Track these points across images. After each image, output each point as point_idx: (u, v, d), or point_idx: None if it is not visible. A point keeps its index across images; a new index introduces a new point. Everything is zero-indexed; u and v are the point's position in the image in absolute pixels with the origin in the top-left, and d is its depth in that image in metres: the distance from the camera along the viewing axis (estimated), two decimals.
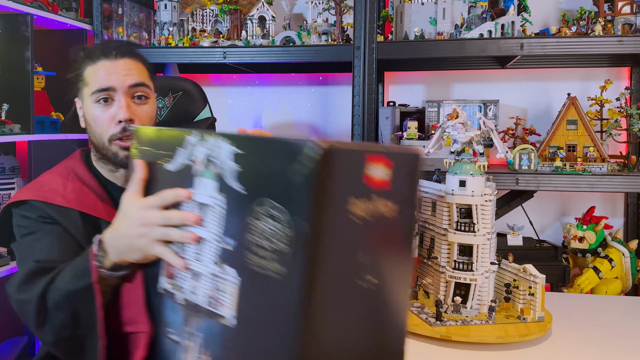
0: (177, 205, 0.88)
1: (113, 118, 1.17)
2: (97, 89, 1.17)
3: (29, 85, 1.96)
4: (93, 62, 1.19)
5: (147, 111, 1.22)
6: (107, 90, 1.17)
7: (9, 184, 1.99)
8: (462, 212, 1.31)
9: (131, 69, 1.19)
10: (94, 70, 1.18)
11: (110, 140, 1.18)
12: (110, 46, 1.21)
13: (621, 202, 2.40)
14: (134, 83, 1.19)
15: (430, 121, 2.17)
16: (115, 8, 2.34)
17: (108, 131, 1.18)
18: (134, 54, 1.22)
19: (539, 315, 1.27)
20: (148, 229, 0.91)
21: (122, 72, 1.18)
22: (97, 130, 1.20)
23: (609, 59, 2.26)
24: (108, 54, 1.18)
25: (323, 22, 2.22)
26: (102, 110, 1.18)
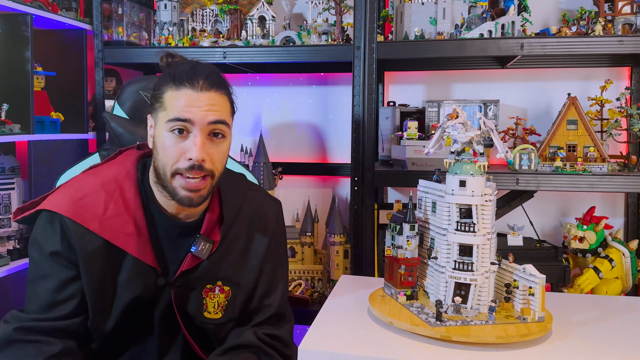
0: None
1: (184, 153, 1.11)
2: (174, 117, 1.10)
3: (29, 85, 1.96)
4: (176, 87, 1.11)
5: (222, 150, 1.16)
6: (184, 122, 1.10)
7: (8, 184, 1.99)
8: (462, 212, 1.31)
9: (215, 104, 1.12)
10: (175, 96, 1.11)
11: (174, 174, 1.12)
12: (197, 73, 1.12)
13: (621, 202, 2.40)
14: (215, 120, 1.11)
15: (430, 121, 2.17)
16: (115, 8, 2.34)
17: (175, 164, 1.12)
18: (221, 86, 1.15)
19: (539, 315, 1.27)
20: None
21: (204, 106, 1.10)
22: (163, 158, 1.13)
23: (609, 59, 2.26)
24: (194, 83, 1.10)
25: (323, 22, 2.22)
26: (174, 140, 1.11)
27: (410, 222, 1.37)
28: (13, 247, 1.97)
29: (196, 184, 1.12)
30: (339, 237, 2.31)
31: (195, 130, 1.11)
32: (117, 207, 1.17)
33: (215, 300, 1.24)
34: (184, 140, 1.11)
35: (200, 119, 1.10)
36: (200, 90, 1.11)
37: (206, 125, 1.11)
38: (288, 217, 2.60)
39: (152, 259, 1.19)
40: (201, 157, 1.10)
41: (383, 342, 1.23)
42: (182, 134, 1.11)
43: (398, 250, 1.39)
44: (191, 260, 1.21)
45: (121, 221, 1.16)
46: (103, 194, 1.17)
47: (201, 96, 1.11)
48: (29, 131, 1.96)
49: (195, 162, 1.10)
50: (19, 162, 2.04)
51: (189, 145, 1.10)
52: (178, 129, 1.11)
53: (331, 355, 1.19)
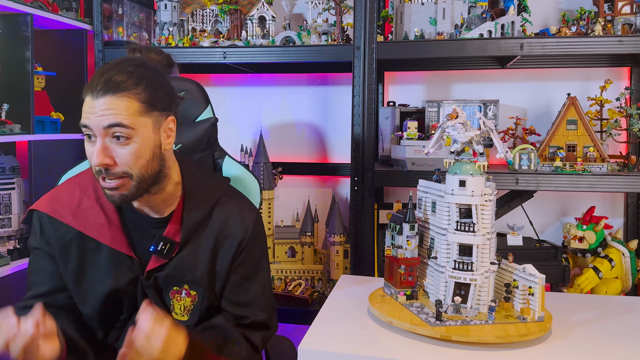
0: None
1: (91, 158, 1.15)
2: (80, 123, 1.16)
3: (29, 85, 1.96)
4: (84, 94, 1.16)
5: (130, 151, 1.13)
6: (85, 128, 1.15)
7: (9, 184, 1.99)
8: (462, 212, 1.31)
9: (109, 108, 1.12)
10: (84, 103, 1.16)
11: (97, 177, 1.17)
12: (98, 79, 1.14)
13: (621, 202, 2.40)
14: (109, 124, 1.12)
15: (430, 121, 2.17)
16: (115, 8, 2.34)
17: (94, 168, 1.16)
18: (119, 89, 1.13)
19: (538, 315, 1.27)
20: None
21: (98, 112, 1.12)
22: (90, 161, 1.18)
23: (609, 59, 2.26)
24: (93, 90, 1.13)
25: (323, 22, 2.22)
26: (87, 146, 1.16)
27: (410, 222, 1.37)
28: (13, 247, 1.97)
29: (112, 184, 1.15)
30: (339, 237, 2.31)
31: (97, 135, 1.14)
32: (90, 200, 1.26)
33: (181, 303, 1.26)
34: (93, 143, 1.15)
35: (95, 124, 1.13)
36: (97, 97, 1.13)
37: (102, 130, 1.13)
38: (288, 217, 2.60)
39: (126, 248, 1.24)
40: (100, 162, 1.12)
41: (383, 342, 1.23)
42: (91, 140, 1.15)
43: (398, 250, 1.39)
44: (155, 260, 1.24)
45: (93, 213, 1.24)
46: (77, 189, 1.28)
47: (96, 102, 1.13)
48: (29, 131, 1.96)
49: (97, 167, 1.14)
50: (19, 162, 2.05)
51: (92, 151, 1.14)
52: (87, 135, 1.16)
53: (331, 355, 1.19)
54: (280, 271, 2.39)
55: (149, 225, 1.26)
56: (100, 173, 1.14)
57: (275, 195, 2.48)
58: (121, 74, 1.14)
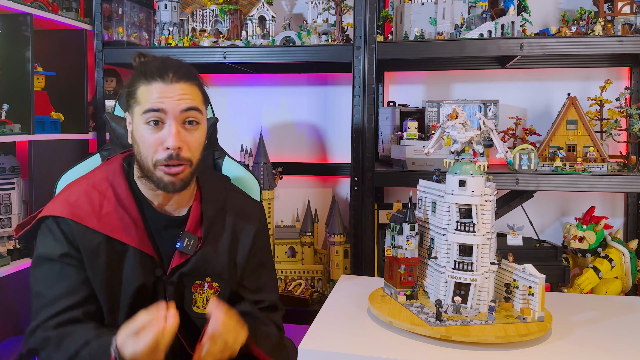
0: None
1: (161, 143, 1.16)
2: (148, 109, 1.15)
3: (29, 85, 1.96)
4: (147, 82, 1.17)
5: (197, 137, 1.21)
6: (157, 112, 1.15)
7: (9, 184, 1.99)
8: (462, 212, 1.31)
9: (185, 93, 1.17)
10: (147, 90, 1.17)
11: (155, 165, 1.18)
12: (167, 67, 1.18)
13: (621, 202, 2.40)
14: (187, 107, 1.17)
15: (430, 121, 2.17)
16: (115, 8, 2.34)
17: (155, 155, 1.17)
18: (191, 77, 1.20)
19: (538, 315, 1.27)
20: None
21: (175, 96, 1.16)
22: (143, 151, 1.18)
23: (609, 59, 2.26)
24: (164, 76, 1.16)
25: (323, 22, 2.22)
26: (151, 132, 1.17)
27: (410, 222, 1.37)
28: (13, 247, 1.97)
29: (176, 169, 1.18)
30: (339, 237, 2.31)
31: (170, 119, 1.16)
32: (111, 203, 1.23)
33: (204, 296, 1.28)
34: (160, 130, 1.16)
35: (172, 107, 1.15)
36: (171, 82, 1.16)
37: (179, 114, 1.16)
38: (288, 217, 2.60)
39: (150, 249, 1.24)
40: (177, 145, 1.15)
41: (383, 342, 1.23)
42: (158, 125, 1.16)
43: (398, 250, 1.39)
44: (179, 257, 1.25)
45: (117, 216, 1.22)
46: (96, 193, 1.23)
47: (172, 87, 1.16)
48: (29, 131, 1.96)
49: (172, 151, 1.16)
50: (19, 162, 2.04)
51: (165, 135, 1.16)
52: (153, 121, 1.16)
53: (331, 355, 1.19)
54: (280, 271, 2.39)
55: (169, 224, 1.28)
56: (170, 158, 1.16)
57: (275, 195, 2.48)
58: (182, 66, 1.21)
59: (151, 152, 1.17)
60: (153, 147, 1.17)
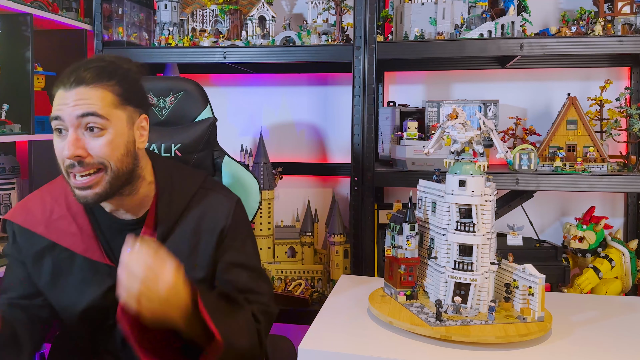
0: None
1: (62, 152, 1.12)
2: (51, 117, 1.13)
3: (29, 85, 1.96)
4: (56, 88, 1.13)
5: (104, 143, 1.12)
6: (57, 120, 1.11)
7: (9, 184, 1.99)
8: (462, 212, 1.31)
9: (83, 98, 1.10)
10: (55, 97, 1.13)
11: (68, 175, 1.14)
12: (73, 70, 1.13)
13: (621, 202, 2.40)
14: (82, 113, 1.10)
15: (430, 121, 2.17)
16: (115, 8, 2.34)
17: (63, 164, 1.13)
18: (93, 80, 1.12)
19: (538, 315, 1.27)
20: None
21: (71, 102, 1.10)
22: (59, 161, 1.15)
23: (609, 59, 2.26)
24: (65, 82, 1.12)
25: (323, 22, 2.22)
26: (57, 141, 1.13)
27: (410, 222, 1.37)
28: None
29: (84, 182, 1.12)
30: (339, 237, 2.31)
31: (69, 127, 1.11)
32: (61, 208, 1.24)
33: None
34: (64, 137, 1.12)
35: (68, 114, 1.10)
36: (70, 87, 1.11)
37: (75, 120, 1.10)
38: (288, 217, 2.60)
39: (100, 255, 1.21)
40: (72, 154, 1.09)
41: (383, 342, 1.23)
42: (62, 134, 1.13)
43: (398, 250, 1.39)
44: None
45: (65, 222, 1.23)
46: (48, 198, 1.27)
47: (69, 93, 1.11)
48: (29, 131, 1.96)
49: (70, 160, 1.11)
50: (19, 162, 2.05)
51: (64, 144, 1.11)
52: (57, 129, 1.13)
53: (331, 355, 1.19)
54: (280, 271, 2.39)
55: (125, 227, 1.23)
56: (72, 167, 1.11)
57: (275, 195, 2.48)
58: (94, 67, 1.14)
59: (61, 161, 1.14)
60: (60, 156, 1.13)
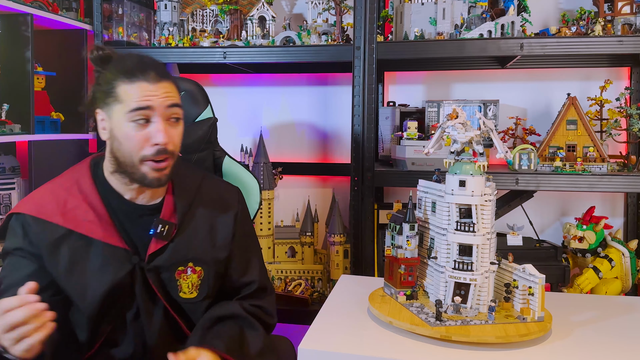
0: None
1: (148, 139, 1.19)
2: (136, 107, 1.17)
3: (29, 85, 1.96)
4: (129, 80, 1.18)
5: (180, 132, 1.25)
6: (145, 110, 1.18)
7: (9, 184, 1.99)
8: (462, 212, 1.31)
9: (168, 91, 1.21)
10: (130, 89, 1.18)
11: (142, 160, 1.20)
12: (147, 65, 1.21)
13: (621, 202, 2.40)
14: (172, 103, 1.21)
15: (430, 121, 2.17)
16: (115, 8, 2.34)
17: (140, 151, 1.19)
18: (169, 76, 1.24)
19: (538, 315, 1.27)
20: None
21: (161, 94, 1.19)
22: (126, 148, 1.20)
23: (609, 59, 2.26)
24: (146, 75, 1.19)
25: (323, 22, 2.22)
26: (136, 129, 1.18)
27: (410, 222, 1.37)
28: None
29: (160, 166, 1.21)
30: (339, 237, 2.31)
31: (156, 117, 1.19)
32: (76, 199, 1.25)
33: (188, 281, 1.29)
34: (146, 127, 1.19)
35: (159, 104, 1.19)
36: (154, 80, 1.19)
37: (165, 110, 1.20)
38: (288, 217, 2.60)
39: (119, 240, 1.25)
40: (166, 140, 1.19)
41: (383, 342, 1.23)
42: (143, 124, 1.19)
43: (398, 250, 1.39)
44: (156, 243, 1.26)
45: (82, 211, 1.24)
46: (61, 191, 1.27)
47: (156, 86, 1.19)
48: (29, 131, 1.96)
49: (161, 147, 1.19)
50: (19, 162, 2.05)
51: (153, 132, 1.19)
52: (140, 119, 1.18)
53: (331, 355, 1.19)
54: (280, 271, 2.39)
55: (143, 213, 1.29)
56: (157, 153, 1.19)
57: (275, 195, 2.48)
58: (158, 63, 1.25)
59: (137, 149, 1.19)
60: (139, 143, 1.19)
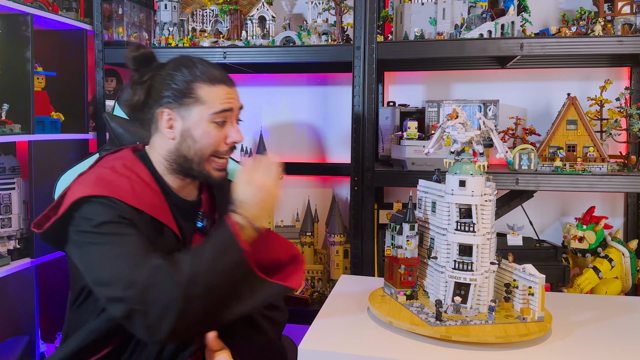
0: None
1: (224, 139, 1.30)
2: (221, 109, 1.28)
3: (29, 85, 1.96)
4: (212, 84, 1.28)
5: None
6: (228, 112, 1.29)
7: (9, 184, 1.99)
8: (462, 212, 1.31)
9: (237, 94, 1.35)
10: (212, 92, 1.28)
11: (213, 156, 1.30)
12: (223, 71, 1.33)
13: (621, 202, 2.40)
14: (240, 106, 1.35)
15: (430, 121, 2.17)
16: (115, 8, 2.34)
17: (216, 149, 1.30)
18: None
19: (538, 315, 1.27)
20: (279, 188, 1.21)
21: (236, 98, 1.33)
22: (201, 146, 1.28)
23: (608, 59, 2.26)
24: (225, 80, 1.32)
25: (323, 22, 2.22)
26: (216, 129, 1.29)
27: (410, 222, 1.37)
28: (13, 247, 1.97)
29: (224, 163, 1.34)
30: (339, 237, 2.31)
31: (231, 118, 1.32)
32: (140, 185, 1.26)
33: None
34: (223, 128, 1.30)
35: (236, 107, 1.33)
36: (231, 84, 1.33)
37: (237, 111, 1.34)
38: (288, 217, 2.60)
39: (175, 227, 1.30)
40: (242, 139, 1.33)
41: (383, 342, 1.23)
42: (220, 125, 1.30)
43: (398, 250, 1.39)
44: (199, 237, 1.34)
45: (149, 196, 1.27)
46: (123, 177, 1.25)
47: (232, 90, 1.33)
48: (30, 131, 1.96)
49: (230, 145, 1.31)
50: (19, 162, 2.04)
51: (231, 131, 1.31)
52: (220, 121, 1.29)
53: (331, 355, 1.19)
54: None
55: (187, 207, 1.36)
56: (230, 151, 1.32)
57: None
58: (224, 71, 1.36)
59: (212, 147, 1.29)
60: (217, 142, 1.29)
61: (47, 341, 2.21)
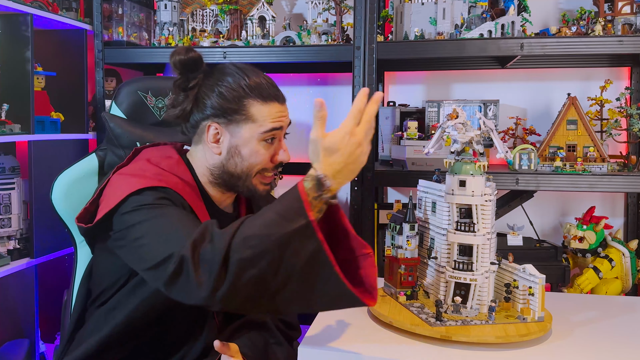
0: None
1: (272, 156, 1.29)
2: (272, 128, 1.26)
3: (29, 85, 1.96)
4: (264, 101, 1.26)
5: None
6: (278, 130, 1.27)
7: (9, 184, 1.99)
8: (462, 212, 1.31)
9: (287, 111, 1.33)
10: (264, 109, 1.25)
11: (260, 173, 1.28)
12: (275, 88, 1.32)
13: (621, 202, 2.40)
14: (290, 122, 1.34)
15: (430, 121, 2.17)
16: (115, 8, 2.34)
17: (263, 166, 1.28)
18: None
19: (539, 315, 1.28)
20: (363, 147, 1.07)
21: (287, 116, 1.31)
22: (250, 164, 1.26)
23: (609, 59, 2.26)
24: (278, 97, 1.30)
25: (323, 22, 2.22)
26: (266, 147, 1.27)
27: (410, 222, 1.37)
28: (13, 247, 1.97)
29: (271, 178, 1.33)
30: None
31: (280, 135, 1.30)
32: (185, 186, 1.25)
33: None
34: (271, 145, 1.29)
35: (286, 125, 1.31)
36: (282, 102, 1.31)
37: (286, 127, 1.32)
38: None
39: None
40: (289, 159, 1.32)
41: (383, 342, 1.23)
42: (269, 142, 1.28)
43: (398, 250, 1.39)
44: None
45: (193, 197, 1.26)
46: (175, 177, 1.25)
47: (283, 107, 1.31)
48: (29, 131, 1.96)
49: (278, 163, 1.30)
50: (19, 162, 2.04)
51: (280, 150, 1.30)
52: (272, 137, 1.27)
53: (331, 355, 1.19)
54: None
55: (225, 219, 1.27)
56: (277, 168, 1.30)
57: (275, 196, 2.48)
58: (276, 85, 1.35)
59: (260, 166, 1.27)
60: (266, 160, 1.27)
61: (47, 341, 2.21)
